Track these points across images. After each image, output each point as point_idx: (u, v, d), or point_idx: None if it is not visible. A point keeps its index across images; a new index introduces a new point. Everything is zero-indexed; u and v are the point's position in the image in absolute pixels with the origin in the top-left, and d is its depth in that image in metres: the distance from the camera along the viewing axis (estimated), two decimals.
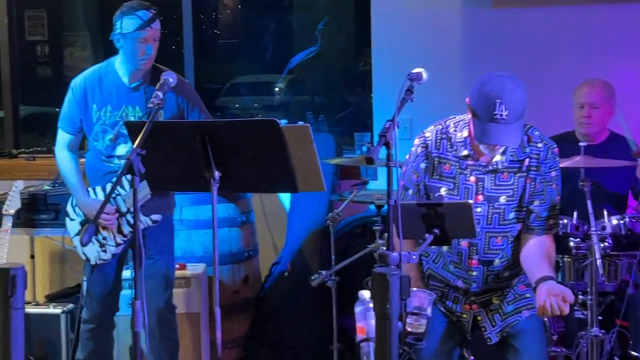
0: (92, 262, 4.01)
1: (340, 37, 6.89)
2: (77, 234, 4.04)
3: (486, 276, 3.29)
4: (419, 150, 3.30)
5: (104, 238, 3.98)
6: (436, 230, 2.98)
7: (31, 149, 5.62)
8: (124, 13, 3.86)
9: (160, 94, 3.12)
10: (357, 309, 2.88)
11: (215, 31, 7.66)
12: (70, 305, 4.62)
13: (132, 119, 3.92)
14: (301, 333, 4.86)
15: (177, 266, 4.53)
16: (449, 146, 3.27)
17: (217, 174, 3.05)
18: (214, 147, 3.03)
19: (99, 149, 3.99)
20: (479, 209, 3.22)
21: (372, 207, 4.89)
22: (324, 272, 4.29)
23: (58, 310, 4.59)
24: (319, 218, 4.94)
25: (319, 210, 4.96)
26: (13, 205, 4.56)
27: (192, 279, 4.55)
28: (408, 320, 2.94)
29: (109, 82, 3.96)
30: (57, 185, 4.85)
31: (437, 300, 3.32)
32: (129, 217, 3.98)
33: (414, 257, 2.82)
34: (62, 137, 4.08)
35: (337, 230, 4.51)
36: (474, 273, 3.28)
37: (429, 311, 3.03)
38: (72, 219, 4.08)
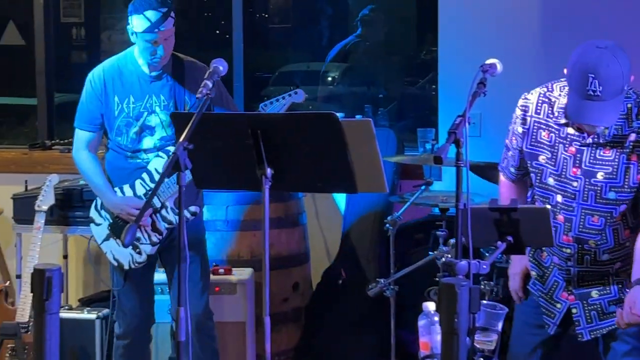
0: (126, 267, 4.05)
1: (395, 22, 6.89)
2: (106, 239, 4.08)
3: (581, 255, 3.26)
4: (519, 112, 3.30)
5: (137, 239, 4.02)
6: (509, 238, 2.97)
7: (66, 140, 5.67)
8: (134, 10, 3.89)
9: (209, 83, 3.13)
10: (421, 322, 2.87)
11: (265, 15, 7.68)
12: (106, 311, 4.66)
13: (157, 109, 3.97)
14: (355, 347, 4.85)
15: (221, 270, 4.58)
16: (550, 112, 3.24)
17: (269, 171, 3.07)
18: (266, 142, 3.05)
19: (122, 145, 4.02)
20: (574, 183, 3.19)
21: (435, 210, 4.88)
22: (382, 280, 4.30)
23: (92, 316, 4.64)
24: (377, 221, 4.94)
25: (377, 212, 4.95)
26: (46, 201, 4.62)
27: (238, 285, 4.57)
28: (477, 336, 2.92)
29: (129, 72, 4.00)
30: None
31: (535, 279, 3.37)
32: (164, 212, 4.02)
33: (484, 266, 2.81)
34: (82, 137, 4.09)
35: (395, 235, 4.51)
36: (568, 250, 3.26)
37: (499, 326, 3.02)
38: (98, 224, 4.11)
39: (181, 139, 2.93)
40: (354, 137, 3.01)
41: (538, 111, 3.25)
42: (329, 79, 8.30)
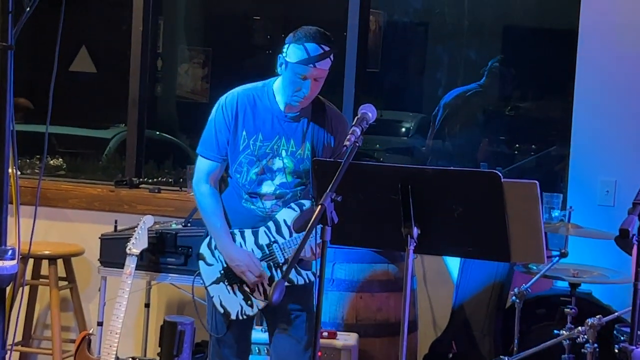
0: (233, 317, 3.98)
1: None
2: (215, 282, 3.99)
3: None
4: None
5: (252, 290, 3.96)
6: None
7: (155, 180, 5.66)
8: (295, 40, 3.82)
9: (358, 131, 3.11)
10: None
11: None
12: None
13: (283, 152, 3.91)
14: None
15: (325, 333, 4.52)
16: None
17: (415, 230, 3.04)
18: (415, 198, 3.02)
19: (240, 184, 3.95)
20: None
21: (559, 283, 4.79)
22: (506, 358, 4.22)
23: None
24: (495, 291, 4.86)
25: (496, 281, 4.87)
26: (139, 244, 4.60)
27: (343, 352, 4.50)
28: None
29: (264, 107, 3.94)
30: (189, 224, 4.86)
31: None
32: (285, 268, 3.92)
33: None
34: (204, 166, 4.00)
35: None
36: None
37: None
38: (209, 264, 4.01)
39: (328, 190, 2.89)
40: (514, 200, 2.97)
41: None
42: (403, 129, 8.29)
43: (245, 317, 3.98)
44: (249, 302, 3.96)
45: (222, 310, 3.98)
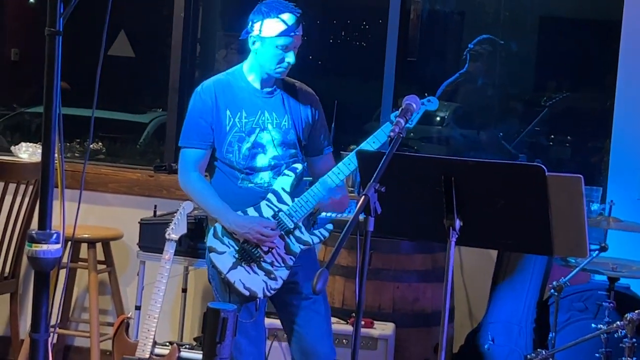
0: (260, 296, 3.96)
1: (511, 61, 6.87)
2: (233, 268, 3.96)
3: None
4: None
5: (271, 263, 3.95)
6: None
7: None
8: (266, 14, 3.87)
9: (402, 121, 3.10)
10: None
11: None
12: None
13: (269, 126, 3.96)
14: None
15: (362, 322, 4.52)
16: None
17: (458, 223, 3.03)
18: (458, 191, 3.01)
19: (234, 163, 3.96)
20: None
21: (596, 277, 4.77)
22: (543, 351, 4.22)
23: None
24: (532, 285, 4.84)
25: (534, 275, 4.86)
26: (178, 230, 4.61)
27: (379, 341, 4.52)
28: None
29: (239, 87, 3.99)
30: None
31: None
32: (297, 233, 3.96)
33: None
34: (190, 156, 4.02)
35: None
36: None
37: None
38: (221, 252, 4.00)
39: (372, 180, 2.89)
40: (558, 194, 2.95)
41: None
42: (438, 118, 8.24)
43: (271, 292, 3.96)
44: (272, 275, 3.95)
45: (247, 293, 3.95)
